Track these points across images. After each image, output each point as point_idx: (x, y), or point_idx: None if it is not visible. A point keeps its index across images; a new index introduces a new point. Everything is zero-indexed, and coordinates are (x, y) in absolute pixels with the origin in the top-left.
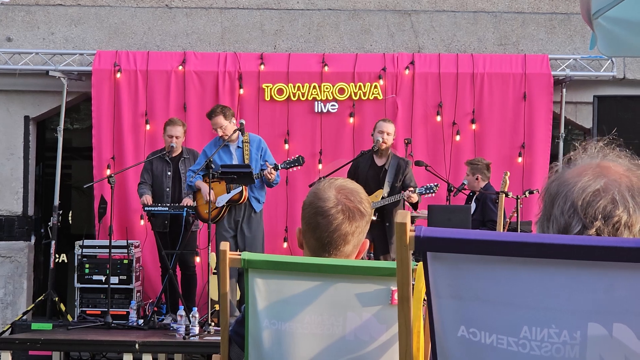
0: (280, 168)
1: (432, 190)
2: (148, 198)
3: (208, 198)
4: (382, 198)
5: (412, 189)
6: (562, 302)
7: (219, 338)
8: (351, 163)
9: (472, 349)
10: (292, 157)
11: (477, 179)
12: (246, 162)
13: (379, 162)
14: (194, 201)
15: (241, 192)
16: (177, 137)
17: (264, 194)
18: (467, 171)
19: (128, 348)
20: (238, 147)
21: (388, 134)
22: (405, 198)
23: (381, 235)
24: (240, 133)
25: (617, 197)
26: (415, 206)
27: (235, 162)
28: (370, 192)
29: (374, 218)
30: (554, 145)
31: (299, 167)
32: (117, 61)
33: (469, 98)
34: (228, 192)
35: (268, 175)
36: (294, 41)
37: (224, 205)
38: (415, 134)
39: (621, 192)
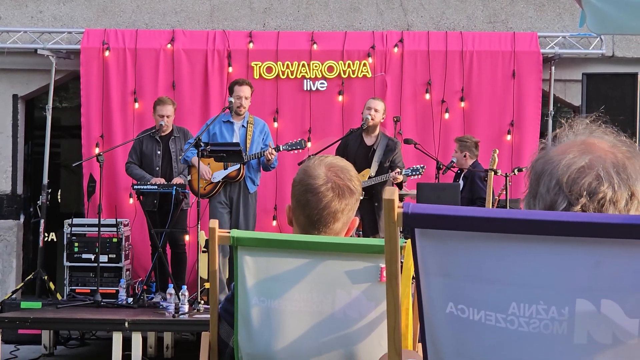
0: (281, 149)
1: (418, 172)
2: (156, 179)
3: (205, 177)
4: (369, 178)
5: (398, 170)
6: (550, 279)
7: (209, 316)
8: (340, 141)
9: (460, 326)
10: (295, 140)
11: (465, 156)
12: (248, 142)
13: (369, 141)
14: (189, 175)
15: (239, 169)
16: (167, 117)
17: (259, 177)
18: (455, 148)
19: (117, 326)
20: (242, 126)
21: (376, 110)
22: (391, 179)
23: (370, 214)
24: (230, 110)
25: (602, 174)
26: (399, 186)
27: (236, 140)
28: (358, 170)
29: (363, 197)
30: (543, 123)
31: (300, 150)
32: (106, 39)
33: (458, 76)
34: (225, 169)
35: (269, 155)
36: (283, 19)
37: (219, 181)
38: (404, 112)
39: (606, 169)
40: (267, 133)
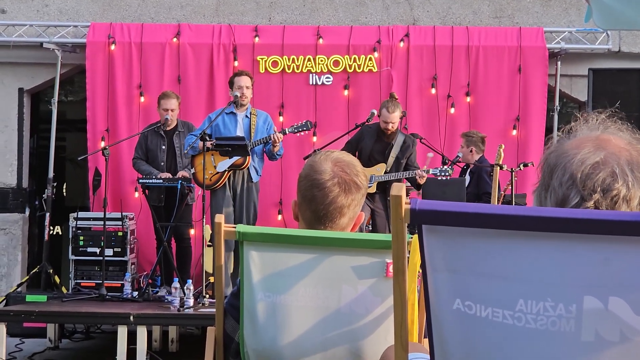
0: (287, 132)
1: (447, 173)
2: (163, 174)
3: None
4: (385, 172)
5: (425, 170)
6: (558, 275)
7: (214, 310)
8: (352, 133)
9: (467, 322)
10: (300, 122)
11: (471, 151)
12: (252, 132)
13: (386, 137)
14: (192, 167)
15: (245, 156)
16: (171, 110)
17: (262, 167)
18: (462, 143)
19: (122, 320)
20: (246, 116)
21: (393, 123)
22: (417, 177)
23: (385, 210)
24: (235, 104)
25: (616, 171)
26: (419, 187)
27: (241, 132)
28: (373, 164)
29: (376, 192)
30: (549, 118)
31: (307, 132)
32: (112, 33)
33: (464, 71)
34: (230, 157)
35: (276, 139)
36: (288, 13)
37: (225, 171)
38: (410, 106)
39: (621, 166)
40: (271, 123)
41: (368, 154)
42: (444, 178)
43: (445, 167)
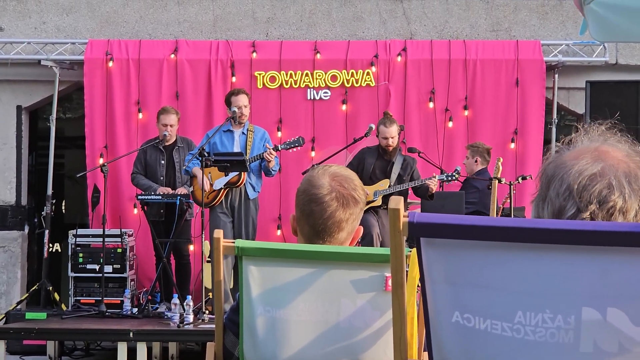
0: (280, 149)
1: (453, 178)
2: (162, 188)
3: (202, 186)
4: (390, 186)
5: (434, 176)
6: (556, 287)
7: (213, 326)
8: (351, 148)
9: (466, 335)
10: (292, 138)
11: (476, 161)
12: (248, 149)
13: (387, 156)
14: (190, 186)
15: (240, 174)
16: (171, 126)
17: (260, 184)
18: (467, 154)
19: (122, 337)
20: (242, 133)
21: (392, 137)
22: (430, 184)
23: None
24: (233, 120)
25: (613, 182)
26: (432, 196)
27: (237, 148)
28: (375, 182)
29: (381, 206)
30: (547, 131)
31: (299, 148)
32: (109, 50)
33: (462, 84)
34: (226, 175)
35: (268, 155)
36: (286, 29)
37: (221, 189)
38: (408, 120)
39: (618, 178)
40: (268, 140)
41: (370, 173)
42: (451, 182)
43: (453, 172)
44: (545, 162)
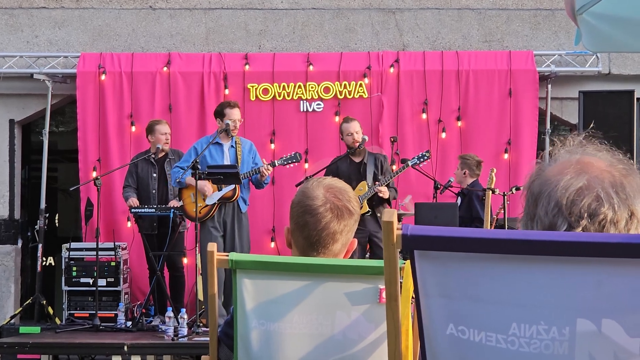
0: (277, 165)
1: (425, 158)
2: (134, 200)
3: (205, 193)
4: (368, 187)
5: (377, 182)
6: (551, 299)
7: (208, 339)
8: (326, 169)
9: (461, 347)
10: (289, 154)
11: (465, 174)
12: (238, 162)
13: (357, 159)
14: (180, 200)
15: (234, 189)
16: (167, 134)
17: (248, 196)
18: (458, 165)
19: (117, 350)
20: (231, 146)
21: (357, 132)
22: (377, 192)
23: (378, 229)
24: (225, 133)
25: (601, 194)
26: (388, 202)
27: (227, 161)
28: (354, 187)
29: (367, 213)
30: (540, 141)
31: (296, 164)
32: (102, 63)
33: (455, 95)
34: (219, 190)
35: (265, 171)
36: (278, 41)
37: (214, 204)
38: (401, 132)
39: (605, 189)
40: (255, 152)
41: (346, 178)
42: (423, 163)
43: (422, 152)
44: (529, 180)
